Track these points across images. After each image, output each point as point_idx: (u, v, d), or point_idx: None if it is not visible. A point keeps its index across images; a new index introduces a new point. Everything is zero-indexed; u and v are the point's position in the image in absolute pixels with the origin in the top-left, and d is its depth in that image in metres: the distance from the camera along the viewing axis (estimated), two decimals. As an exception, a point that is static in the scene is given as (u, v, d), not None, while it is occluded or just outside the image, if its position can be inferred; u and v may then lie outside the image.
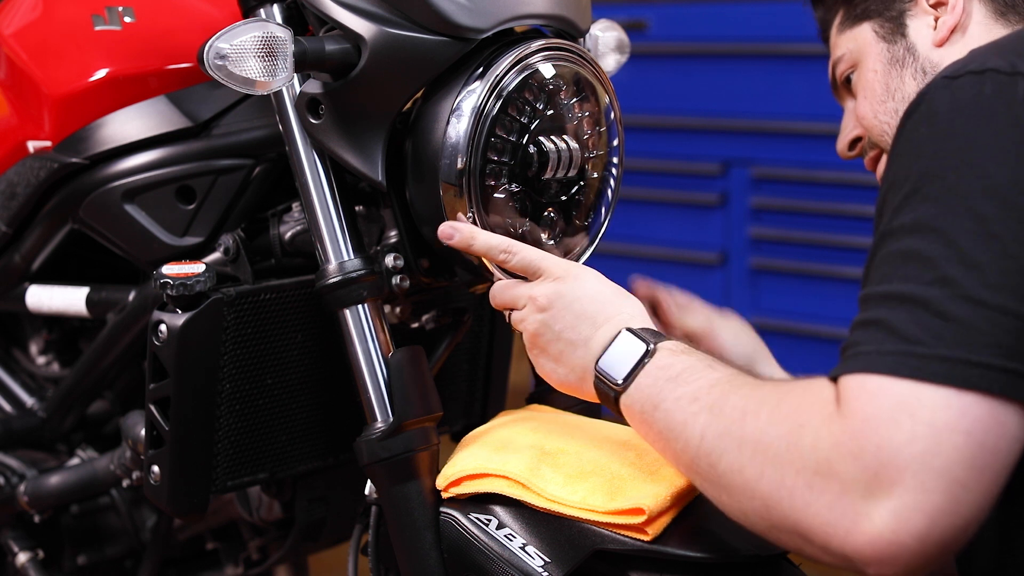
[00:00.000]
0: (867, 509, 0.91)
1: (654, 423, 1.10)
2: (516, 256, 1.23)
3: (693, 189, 3.28)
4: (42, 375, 1.79)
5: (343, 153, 1.28)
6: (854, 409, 0.94)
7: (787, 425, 0.98)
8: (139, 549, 1.76)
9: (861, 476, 0.92)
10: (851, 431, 0.93)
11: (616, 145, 1.36)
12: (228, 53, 1.21)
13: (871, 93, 1.38)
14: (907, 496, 0.90)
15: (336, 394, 1.51)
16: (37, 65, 1.58)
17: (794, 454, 0.96)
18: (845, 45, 1.44)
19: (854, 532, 0.92)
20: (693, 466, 1.06)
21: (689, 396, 1.07)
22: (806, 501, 0.95)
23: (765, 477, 0.98)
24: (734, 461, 1.01)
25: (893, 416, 0.92)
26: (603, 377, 1.15)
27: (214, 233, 1.48)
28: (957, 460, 0.90)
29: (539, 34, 1.32)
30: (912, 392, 0.92)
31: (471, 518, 1.22)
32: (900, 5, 1.39)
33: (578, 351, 1.18)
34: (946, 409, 0.91)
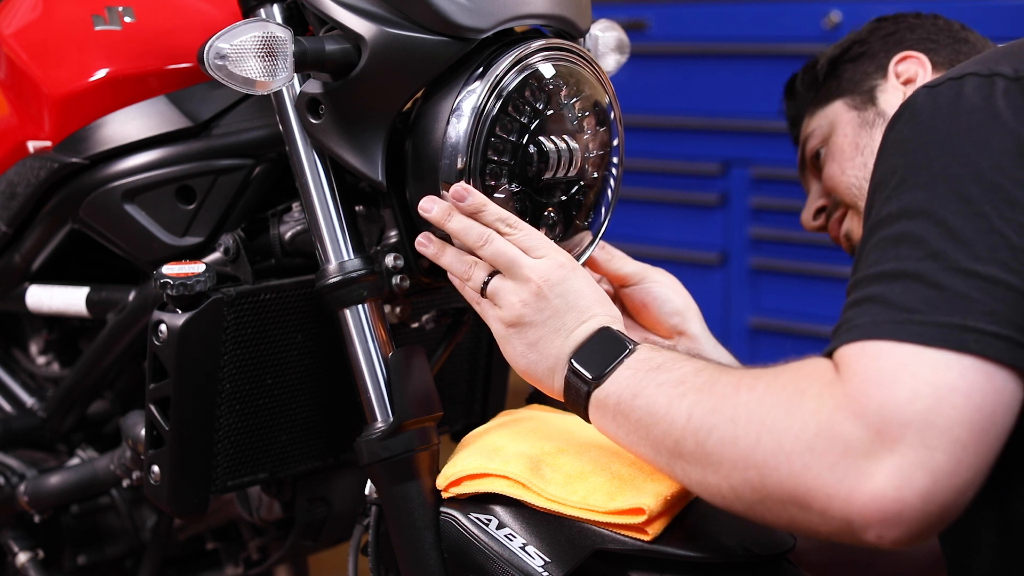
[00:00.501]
0: (870, 468, 0.92)
1: (632, 412, 1.10)
2: (521, 232, 1.22)
3: (693, 189, 3.28)
4: (42, 375, 1.79)
5: (343, 153, 1.28)
6: (855, 371, 0.95)
7: (786, 393, 0.98)
8: (139, 549, 1.76)
9: (865, 435, 0.92)
10: (853, 392, 0.94)
11: (616, 145, 1.36)
12: (228, 53, 1.21)
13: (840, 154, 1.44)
14: (911, 453, 0.91)
15: (336, 394, 1.51)
16: (37, 65, 1.58)
17: (794, 419, 0.96)
18: (816, 123, 1.54)
19: (857, 492, 0.92)
20: (677, 448, 1.06)
21: (674, 381, 1.08)
22: (806, 464, 0.95)
23: (762, 444, 0.98)
24: (726, 433, 1.01)
25: (895, 375, 0.93)
26: (577, 371, 1.15)
27: (214, 233, 1.48)
28: (958, 420, 0.91)
29: (539, 34, 1.32)
30: (913, 354, 0.94)
31: (471, 518, 1.22)
32: (871, 82, 1.51)
33: (556, 341, 1.18)
34: (947, 370, 0.92)
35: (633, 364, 1.12)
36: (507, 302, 1.20)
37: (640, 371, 1.11)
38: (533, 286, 1.19)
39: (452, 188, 1.23)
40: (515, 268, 1.20)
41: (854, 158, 1.42)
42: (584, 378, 1.15)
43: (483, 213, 1.22)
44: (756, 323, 3.18)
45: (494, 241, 1.21)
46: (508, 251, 1.21)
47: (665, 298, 1.44)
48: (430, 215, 1.24)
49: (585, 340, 1.16)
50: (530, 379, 1.21)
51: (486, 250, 1.22)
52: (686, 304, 1.45)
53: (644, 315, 1.45)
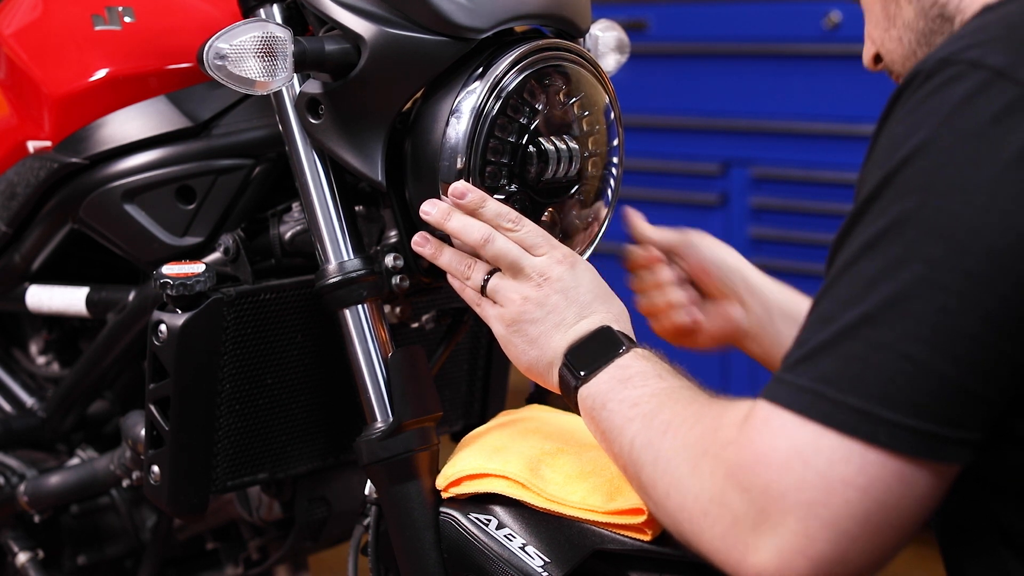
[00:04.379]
0: (755, 542, 0.92)
1: (600, 421, 1.11)
2: (523, 228, 1.22)
3: (693, 189, 3.28)
4: (42, 375, 1.79)
5: (343, 153, 1.28)
6: (752, 440, 0.93)
7: (693, 450, 0.99)
8: (139, 549, 1.76)
9: (749, 510, 0.92)
10: (744, 463, 0.93)
11: (616, 145, 1.36)
12: (228, 53, 1.21)
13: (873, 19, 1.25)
14: (791, 539, 0.90)
15: (336, 394, 1.51)
16: (37, 65, 1.58)
17: (694, 479, 0.97)
18: None
19: (744, 564, 0.93)
20: (624, 470, 1.09)
21: (631, 401, 1.08)
22: (701, 528, 0.96)
23: (671, 498, 1.00)
24: (651, 475, 1.03)
25: (787, 459, 0.91)
26: (569, 365, 1.15)
27: (214, 233, 1.48)
28: (848, 514, 0.89)
29: (539, 34, 1.32)
30: (813, 438, 0.90)
31: (471, 518, 1.22)
32: None
33: (556, 336, 1.18)
34: (845, 462, 0.89)
35: (611, 370, 1.12)
36: (508, 299, 1.20)
37: (613, 380, 1.11)
38: (534, 283, 1.19)
39: (452, 186, 1.23)
40: (517, 266, 1.20)
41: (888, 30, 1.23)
42: (574, 374, 1.15)
43: (483, 210, 1.22)
44: (756, 323, 3.17)
45: (495, 240, 1.21)
46: (510, 249, 1.21)
47: (720, 258, 1.46)
48: (430, 217, 1.24)
49: (582, 337, 1.16)
50: (533, 376, 1.21)
51: (487, 249, 1.21)
52: (736, 258, 1.47)
53: (709, 282, 1.45)
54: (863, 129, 2.95)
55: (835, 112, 3.01)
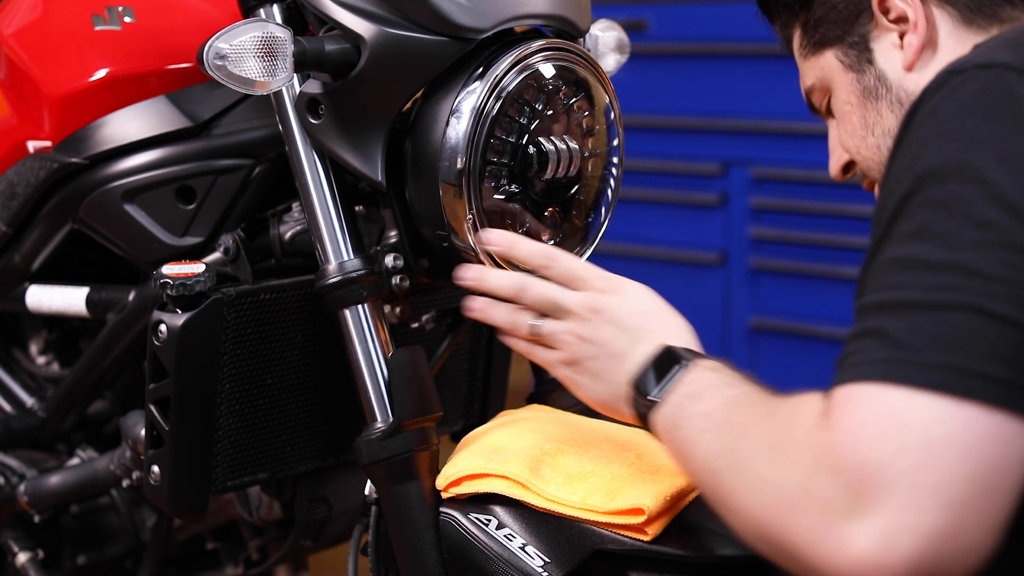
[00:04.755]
0: (850, 530, 0.84)
1: (675, 442, 1.06)
2: (557, 265, 1.19)
3: (693, 189, 3.28)
4: (42, 375, 1.79)
5: (343, 153, 1.28)
6: (838, 419, 0.87)
7: (772, 443, 0.93)
8: (139, 549, 1.76)
9: (843, 494, 0.85)
10: (832, 444, 0.87)
11: (616, 145, 1.36)
12: (228, 53, 1.21)
13: (850, 128, 1.27)
14: (895, 516, 0.83)
15: (336, 394, 1.51)
16: (37, 65, 1.58)
17: (777, 473, 0.91)
18: (813, 73, 1.33)
19: (838, 556, 0.85)
20: (704, 489, 1.02)
21: (702, 414, 1.03)
22: (788, 524, 0.89)
23: (752, 498, 0.93)
24: (730, 481, 0.96)
25: (880, 427, 0.85)
26: (637, 394, 1.10)
27: (214, 233, 1.48)
28: (955, 477, 0.82)
29: (539, 34, 1.32)
30: (905, 400, 0.85)
31: (471, 518, 1.22)
32: (860, 29, 1.25)
33: (616, 366, 1.14)
34: (943, 421, 0.84)
35: (679, 389, 1.07)
36: (560, 341, 1.17)
37: (682, 398, 1.06)
38: (580, 319, 1.16)
39: (480, 234, 1.22)
40: (559, 306, 1.17)
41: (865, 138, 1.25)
42: (643, 402, 1.10)
43: (514, 253, 1.21)
44: (756, 323, 3.18)
45: (529, 287, 1.18)
46: (546, 291, 1.18)
47: None
48: (467, 282, 1.22)
49: (643, 363, 1.11)
50: (609, 412, 1.17)
51: (525, 298, 1.19)
52: None
53: None
54: (863, 129, 2.95)
55: (835, 112, 3.01)
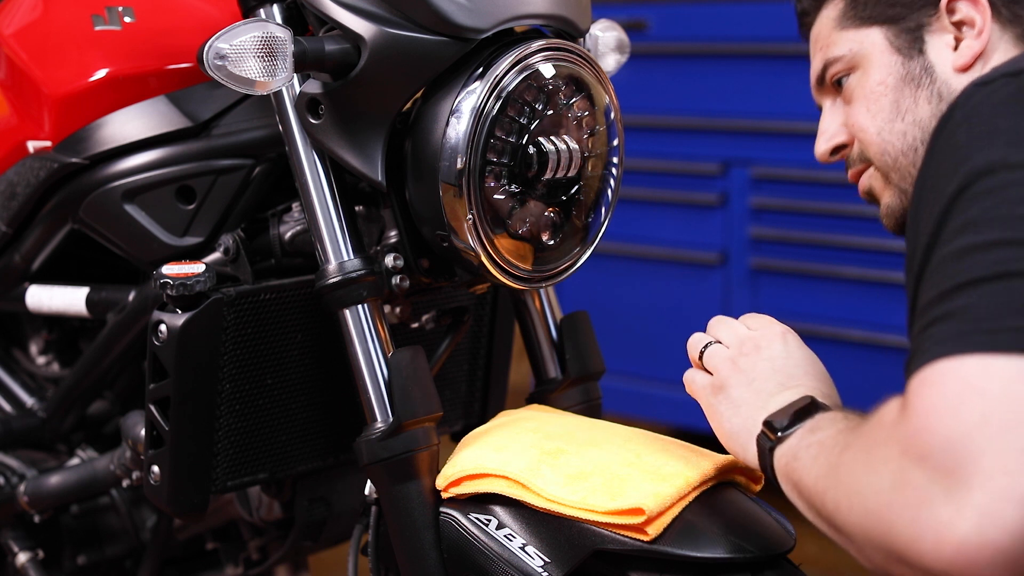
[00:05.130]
0: (949, 515, 0.81)
1: (792, 473, 1.04)
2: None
3: (693, 189, 3.28)
4: (42, 375, 1.79)
5: (343, 153, 1.28)
6: (915, 405, 0.85)
7: (863, 448, 0.91)
8: (139, 549, 1.76)
9: (934, 479, 0.82)
10: (915, 430, 0.84)
11: (616, 145, 1.36)
12: (228, 53, 1.21)
13: (876, 108, 1.25)
14: (991, 486, 0.79)
15: (336, 394, 1.51)
16: (37, 65, 1.58)
17: (872, 477, 0.88)
18: (846, 45, 1.30)
19: (941, 544, 0.81)
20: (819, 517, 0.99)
21: (818, 442, 1.01)
22: (890, 525, 0.85)
23: (855, 508, 0.90)
24: (834, 497, 0.94)
25: (958, 399, 0.82)
26: (767, 429, 1.09)
27: (214, 233, 1.48)
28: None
29: (539, 34, 1.32)
30: (980, 367, 0.83)
31: (471, 518, 1.22)
32: (920, 17, 1.25)
33: (758, 402, 1.13)
34: (1022, 379, 0.81)
35: (805, 426, 1.06)
36: (718, 366, 1.18)
37: (804, 432, 1.05)
38: (745, 350, 1.17)
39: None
40: (732, 333, 1.20)
41: (892, 122, 1.22)
42: (769, 438, 1.09)
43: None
44: (756, 323, 3.17)
45: (720, 319, 1.23)
46: (728, 321, 1.22)
47: None
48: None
49: (783, 406, 1.10)
50: (732, 447, 1.16)
51: (712, 326, 1.23)
52: None
53: None
54: (863, 129, 2.95)
55: (835, 112, 3.00)
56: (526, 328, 1.50)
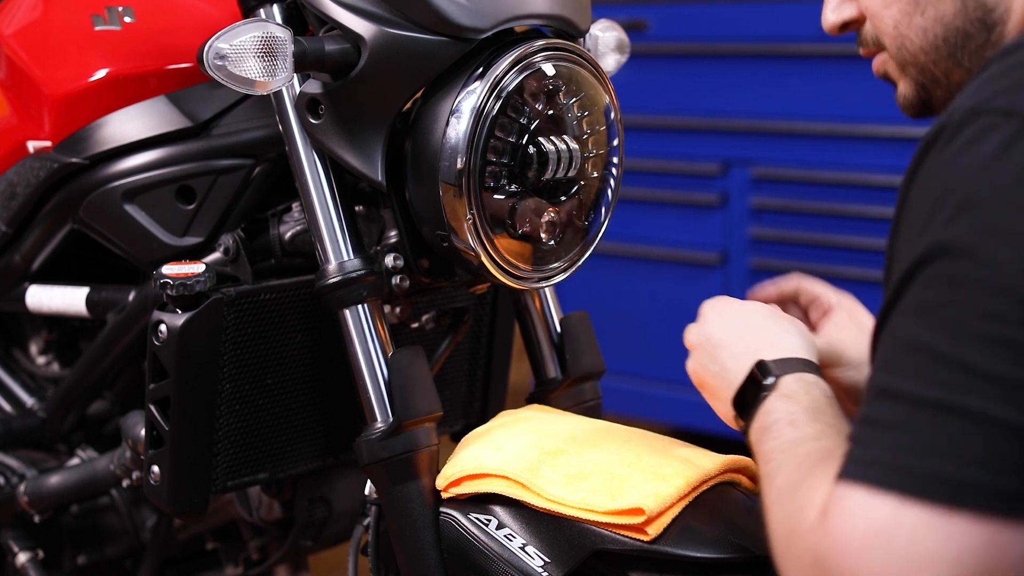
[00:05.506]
0: None
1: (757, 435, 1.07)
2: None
3: (693, 189, 3.28)
4: (42, 375, 1.79)
5: (343, 153, 1.28)
6: (831, 526, 0.86)
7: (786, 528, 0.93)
8: (139, 549, 1.76)
9: None
10: (825, 551, 0.86)
11: (616, 145, 1.36)
12: (228, 53, 1.21)
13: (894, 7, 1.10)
14: None
15: (336, 394, 1.51)
16: (37, 65, 1.58)
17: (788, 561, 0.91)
18: None
19: None
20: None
21: (766, 457, 1.03)
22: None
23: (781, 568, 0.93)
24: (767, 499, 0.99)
25: (866, 542, 0.83)
26: (738, 415, 1.12)
27: (214, 233, 1.48)
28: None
29: (539, 34, 1.32)
30: (892, 512, 0.82)
31: (471, 518, 1.22)
32: None
33: (723, 384, 1.15)
34: (930, 534, 0.81)
35: (758, 419, 1.07)
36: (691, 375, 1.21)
37: (758, 431, 1.06)
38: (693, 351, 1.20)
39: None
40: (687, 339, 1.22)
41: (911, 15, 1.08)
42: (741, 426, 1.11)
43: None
44: (756, 323, 3.17)
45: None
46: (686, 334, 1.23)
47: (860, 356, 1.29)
48: None
49: (739, 386, 1.12)
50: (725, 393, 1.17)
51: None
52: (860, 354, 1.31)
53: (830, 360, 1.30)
54: (863, 129, 2.95)
55: (835, 112, 3.01)
56: (526, 328, 1.50)
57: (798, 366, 1.10)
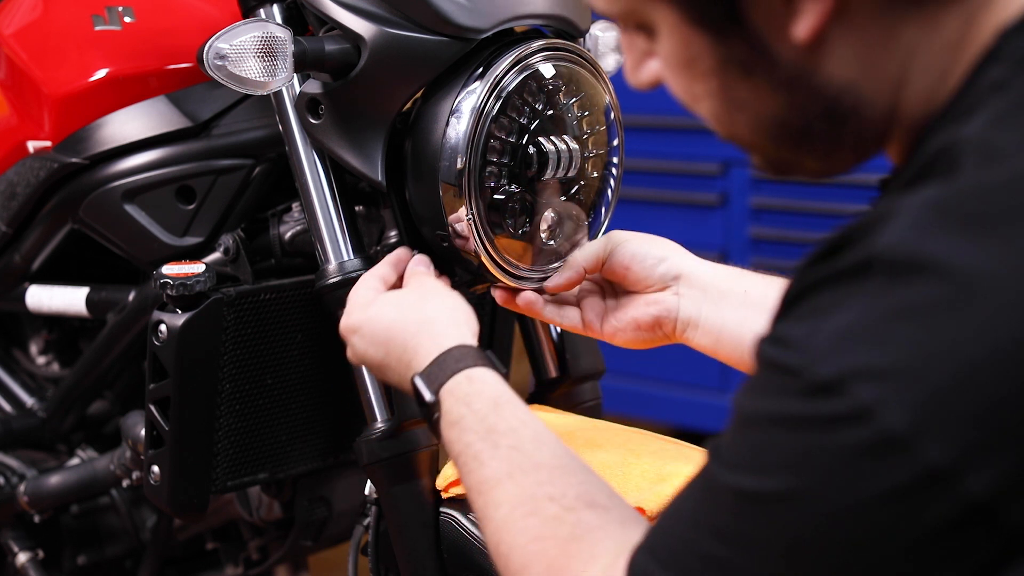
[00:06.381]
0: None
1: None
2: None
3: (693, 189, 3.28)
4: (42, 375, 1.79)
5: (343, 153, 1.28)
6: None
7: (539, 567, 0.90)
8: (139, 549, 1.76)
9: None
10: None
11: (616, 145, 1.36)
12: (228, 53, 1.21)
13: (696, 92, 0.86)
14: None
15: (336, 394, 1.51)
16: (37, 65, 1.58)
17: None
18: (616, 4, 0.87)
19: None
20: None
21: (469, 488, 1.00)
22: None
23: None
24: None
25: None
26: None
27: (214, 233, 1.48)
28: None
29: (539, 34, 1.32)
30: None
31: (471, 518, 1.22)
32: None
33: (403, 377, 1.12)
34: None
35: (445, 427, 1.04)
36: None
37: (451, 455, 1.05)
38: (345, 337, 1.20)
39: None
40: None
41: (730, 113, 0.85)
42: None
43: None
44: (756, 323, 3.17)
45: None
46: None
47: (643, 252, 1.27)
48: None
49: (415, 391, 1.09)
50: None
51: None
52: (665, 247, 1.28)
53: (632, 279, 1.27)
54: (863, 129, 2.95)
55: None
56: (526, 328, 1.50)
57: (450, 366, 1.05)
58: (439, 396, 1.04)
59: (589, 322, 1.29)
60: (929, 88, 0.79)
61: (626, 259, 1.27)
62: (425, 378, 1.06)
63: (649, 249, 1.27)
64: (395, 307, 1.15)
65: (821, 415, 0.72)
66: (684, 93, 0.87)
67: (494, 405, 1.02)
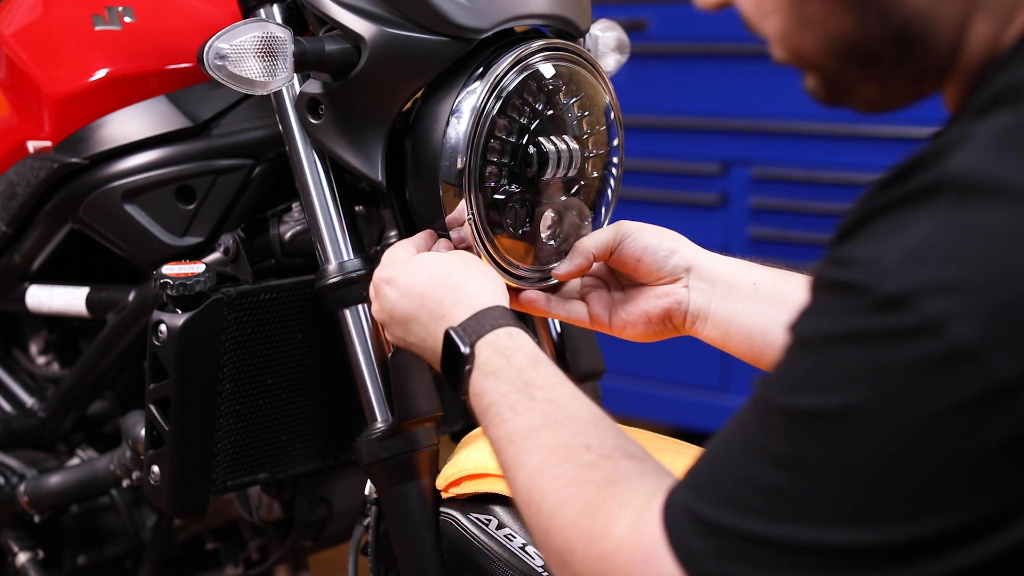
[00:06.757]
0: None
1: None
2: None
3: (693, 189, 3.28)
4: (42, 375, 1.79)
5: (343, 153, 1.28)
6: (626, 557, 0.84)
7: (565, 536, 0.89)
8: (139, 549, 1.76)
9: None
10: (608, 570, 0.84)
11: (616, 145, 1.36)
12: (228, 53, 1.21)
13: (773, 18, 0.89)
14: None
15: (336, 394, 1.51)
16: (37, 65, 1.58)
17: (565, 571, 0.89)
18: None
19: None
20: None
21: (496, 443, 1.00)
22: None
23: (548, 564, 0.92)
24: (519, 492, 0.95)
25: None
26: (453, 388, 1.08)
27: (214, 233, 1.48)
28: None
29: (539, 34, 1.32)
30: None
31: (471, 518, 1.22)
32: None
33: (429, 356, 1.13)
34: None
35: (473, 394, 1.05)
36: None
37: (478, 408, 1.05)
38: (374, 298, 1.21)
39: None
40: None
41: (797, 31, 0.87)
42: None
43: None
44: (756, 323, 3.17)
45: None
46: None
47: (656, 244, 1.28)
48: None
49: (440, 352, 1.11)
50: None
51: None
52: (675, 239, 1.30)
53: (644, 270, 1.28)
54: (863, 129, 2.95)
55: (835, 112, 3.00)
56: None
57: (489, 321, 1.07)
58: (475, 348, 1.05)
59: (597, 316, 1.30)
60: (994, 30, 0.81)
61: (638, 250, 1.28)
62: (461, 330, 1.07)
63: (661, 241, 1.29)
64: (438, 263, 1.17)
65: (890, 328, 0.72)
66: (753, 8, 0.90)
67: (533, 361, 1.03)
